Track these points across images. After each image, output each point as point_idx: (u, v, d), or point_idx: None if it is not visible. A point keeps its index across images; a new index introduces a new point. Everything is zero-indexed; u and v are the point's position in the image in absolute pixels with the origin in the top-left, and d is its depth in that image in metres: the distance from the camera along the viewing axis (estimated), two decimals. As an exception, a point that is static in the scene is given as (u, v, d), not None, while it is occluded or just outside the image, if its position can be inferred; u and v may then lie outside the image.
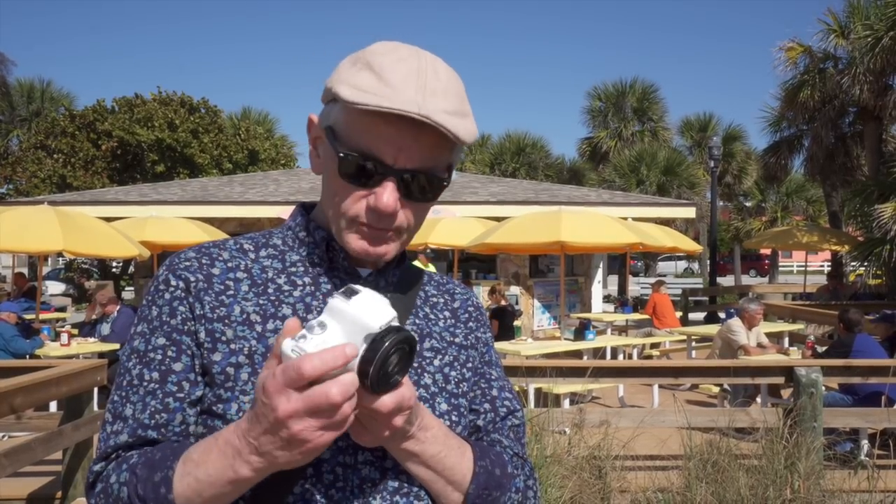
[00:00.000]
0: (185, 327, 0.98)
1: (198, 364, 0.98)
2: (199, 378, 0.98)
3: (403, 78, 0.92)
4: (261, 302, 0.99)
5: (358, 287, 0.84)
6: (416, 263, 7.24)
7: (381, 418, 0.86)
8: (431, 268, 11.85)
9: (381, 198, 0.94)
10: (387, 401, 0.84)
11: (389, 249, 1.00)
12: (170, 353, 0.97)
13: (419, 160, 0.95)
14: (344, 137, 0.96)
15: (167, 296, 0.99)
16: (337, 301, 0.82)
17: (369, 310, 0.82)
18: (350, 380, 0.79)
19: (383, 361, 0.80)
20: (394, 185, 0.95)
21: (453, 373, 1.07)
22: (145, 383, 0.97)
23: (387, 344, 0.80)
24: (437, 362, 1.07)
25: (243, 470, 0.84)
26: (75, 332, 8.91)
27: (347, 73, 0.95)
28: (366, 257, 1.00)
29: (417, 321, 1.09)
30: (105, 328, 8.37)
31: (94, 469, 0.97)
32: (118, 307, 8.51)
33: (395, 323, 0.83)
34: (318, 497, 0.94)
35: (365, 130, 0.94)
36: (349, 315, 0.81)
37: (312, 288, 1.03)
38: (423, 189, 0.97)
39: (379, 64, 0.93)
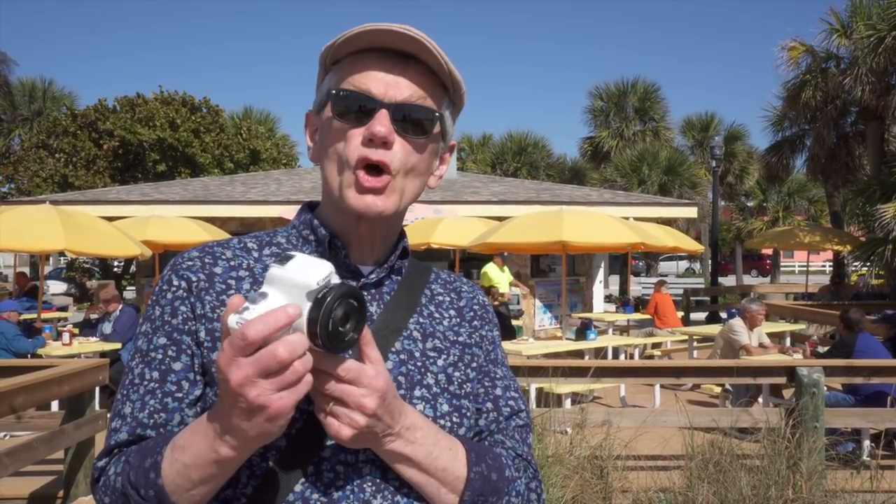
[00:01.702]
0: (186, 327, 0.98)
1: (198, 364, 0.98)
2: (199, 378, 0.98)
3: (385, 24, 0.97)
4: None
5: (292, 252, 0.86)
6: (492, 266, 7.04)
7: (350, 395, 0.85)
8: (506, 271, 11.44)
9: (375, 124, 0.96)
10: (349, 366, 0.84)
11: (388, 204, 1.00)
12: (170, 352, 0.98)
13: (409, 93, 0.99)
14: (337, 87, 1.00)
15: (169, 295, 1.00)
16: (273, 269, 0.83)
17: (305, 270, 0.82)
18: (297, 338, 0.79)
19: (328, 316, 0.80)
20: (387, 115, 0.97)
21: (457, 373, 1.06)
22: (145, 382, 0.98)
23: (328, 299, 0.80)
24: (440, 362, 1.06)
25: (223, 450, 0.85)
26: (77, 331, 8.92)
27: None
28: (366, 214, 0.99)
29: (422, 320, 1.08)
30: (107, 327, 8.37)
31: (97, 465, 0.99)
32: (120, 306, 8.50)
33: (335, 279, 0.83)
34: (318, 496, 0.93)
35: (355, 71, 0.99)
36: (287, 279, 0.82)
37: None
38: (417, 124, 1.00)
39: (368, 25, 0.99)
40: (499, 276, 11.12)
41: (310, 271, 0.82)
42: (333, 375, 0.85)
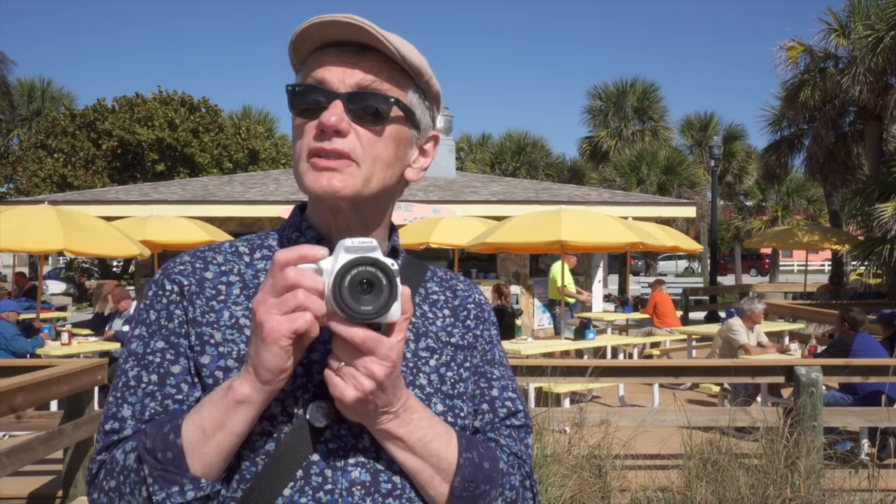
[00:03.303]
0: (182, 330, 0.99)
1: (193, 367, 0.98)
2: (197, 381, 0.98)
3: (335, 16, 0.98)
4: (251, 305, 0.97)
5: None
6: (559, 265, 6.93)
7: (363, 359, 0.86)
8: (568, 272, 10.91)
9: (325, 115, 0.96)
10: (369, 335, 0.85)
11: (345, 184, 0.97)
12: (168, 355, 0.98)
13: (364, 81, 0.98)
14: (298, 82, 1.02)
15: (164, 300, 1.00)
16: (343, 240, 0.89)
17: (358, 242, 0.87)
18: (309, 271, 0.85)
19: (341, 277, 0.84)
20: (340, 104, 0.97)
21: (449, 373, 1.06)
22: (143, 385, 0.97)
23: (345, 262, 0.84)
24: (432, 362, 1.05)
25: (235, 384, 0.88)
26: (82, 331, 8.93)
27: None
28: (322, 194, 0.98)
29: (414, 319, 1.07)
30: (117, 323, 8.36)
31: (97, 459, 0.98)
32: (133, 304, 8.49)
33: (378, 254, 0.86)
34: (306, 500, 0.93)
35: (311, 66, 1.00)
36: (341, 246, 0.88)
37: None
38: (374, 112, 0.98)
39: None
40: (565, 275, 10.83)
41: (357, 243, 0.87)
42: (352, 343, 0.86)
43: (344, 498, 0.94)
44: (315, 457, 0.94)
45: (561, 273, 10.11)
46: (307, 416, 0.94)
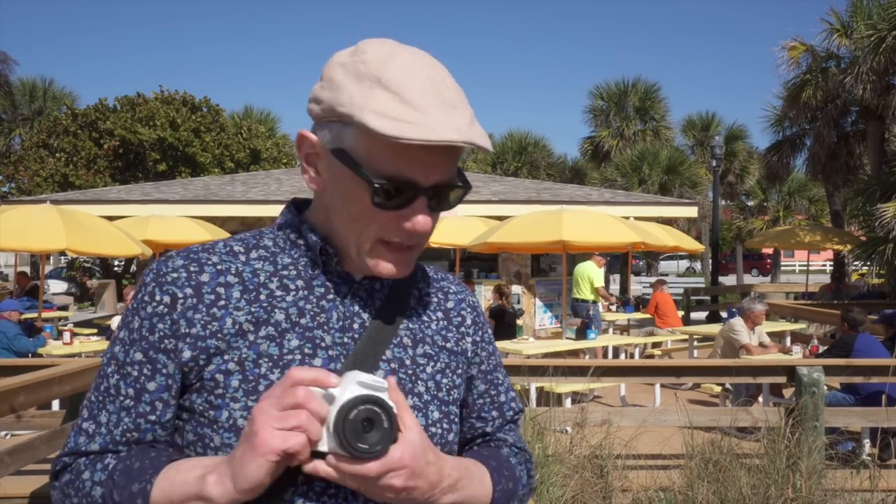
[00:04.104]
0: (163, 345, 0.96)
1: (174, 385, 0.97)
2: (173, 399, 0.97)
3: (423, 94, 0.92)
4: (253, 310, 0.98)
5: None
6: (590, 263, 6.93)
7: (373, 484, 0.87)
8: (600, 273, 10.92)
9: (418, 219, 0.95)
10: (373, 468, 0.85)
11: (409, 267, 1.01)
12: (145, 370, 0.96)
13: (446, 173, 0.96)
14: (367, 163, 0.93)
15: (149, 309, 0.97)
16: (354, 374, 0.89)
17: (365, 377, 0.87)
18: (318, 396, 0.85)
19: (346, 412, 0.84)
20: (426, 201, 0.96)
21: (445, 380, 1.07)
22: (121, 398, 0.97)
23: (354, 397, 0.84)
24: (429, 369, 1.06)
25: (211, 481, 0.86)
26: (84, 330, 8.94)
27: (358, 94, 0.92)
28: (390, 278, 1.00)
29: (411, 325, 1.07)
30: None
31: (62, 459, 0.98)
32: None
33: (380, 395, 0.86)
34: None
35: (395, 156, 0.92)
36: (347, 380, 0.88)
37: (306, 292, 1.01)
38: (450, 199, 0.99)
39: (390, 80, 0.92)
40: (599, 275, 10.89)
41: (370, 381, 0.87)
42: (365, 479, 0.86)
43: (349, 502, 0.95)
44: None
45: (595, 274, 10.33)
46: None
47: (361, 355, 0.98)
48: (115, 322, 8.20)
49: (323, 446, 0.86)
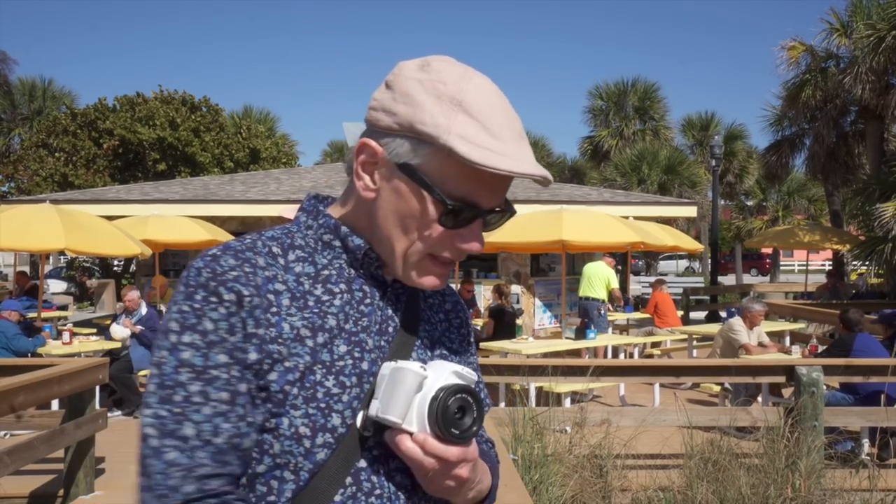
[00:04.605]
0: (244, 345, 0.92)
1: (254, 386, 0.93)
2: (259, 401, 0.94)
3: (500, 125, 0.96)
4: (306, 315, 0.97)
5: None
6: (602, 264, 7.01)
7: (446, 469, 0.94)
8: (615, 275, 10.92)
9: (475, 240, 1.00)
10: (457, 453, 0.93)
11: (446, 280, 1.06)
12: (234, 372, 0.91)
13: (502, 199, 1.02)
14: (439, 182, 0.96)
15: (221, 310, 0.92)
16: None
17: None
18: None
19: (444, 399, 0.92)
20: (481, 223, 1.00)
21: None
22: (213, 403, 0.90)
23: (452, 385, 0.93)
24: None
25: None
26: (83, 330, 8.93)
27: (441, 115, 0.94)
28: (429, 289, 1.03)
29: (427, 328, 1.09)
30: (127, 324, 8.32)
31: (185, 494, 0.89)
32: (143, 304, 8.43)
33: (472, 386, 0.96)
34: None
35: (467, 180, 0.96)
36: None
37: (348, 296, 1.01)
38: (498, 222, 1.04)
39: (471, 106, 0.95)
40: (614, 277, 10.92)
41: (465, 373, 0.97)
42: (444, 462, 0.93)
43: (392, 501, 0.97)
44: (362, 463, 0.96)
45: (612, 276, 10.42)
46: (358, 426, 0.96)
47: (395, 358, 1.00)
48: (117, 330, 8.13)
49: (411, 426, 0.92)
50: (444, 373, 0.94)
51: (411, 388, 0.93)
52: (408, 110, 0.95)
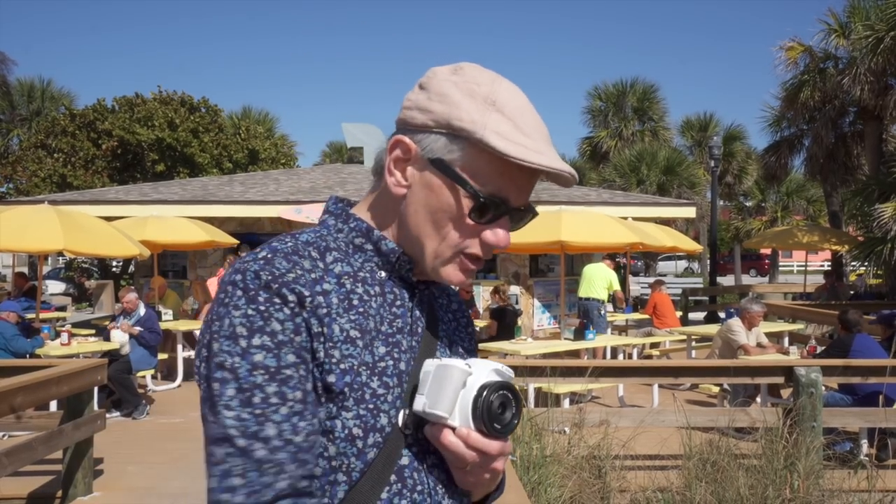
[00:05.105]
0: (308, 345, 0.95)
1: (320, 385, 0.96)
2: (322, 400, 0.96)
3: (530, 125, 1.00)
4: (352, 317, 0.99)
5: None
6: (604, 266, 7.05)
7: (485, 462, 0.99)
8: (615, 276, 10.81)
9: (501, 234, 1.02)
10: (498, 446, 0.98)
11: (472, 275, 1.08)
12: (301, 371, 0.94)
13: (527, 198, 1.05)
14: (471, 177, 0.99)
15: (286, 311, 0.93)
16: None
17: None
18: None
19: (489, 395, 0.96)
20: (508, 220, 1.03)
21: None
22: (290, 403, 0.92)
23: (495, 382, 0.97)
24: None
25: None
26: (82, 331, 8.92)
27: (477, 112, 0.98)
28: (457, 284, 1.06)
29: (443, 326, 1.12)
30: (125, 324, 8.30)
31: (276, 487, 0.91)
32: (141, 305, 8.41)
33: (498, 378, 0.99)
34: (403, 502, 0.98)
35: (498, 175, 0.99)
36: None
37: (381, 299, 1.03)
38: (522, 221, 1.06)
39: (504, 105, 1.00)
40: (616, 279, 10.85)
41: (505, 370, 1.01)
42: (485, 455, 0.97)
43: (433, 497, 1.01)
44: (404, 460, 0.99)
45: (615, 278, 10.43)
46: (400, 424, 0.99)
47: (424, 358, 1.03)
48: (117, 335, 8.10)
49: (454, 421, 0.96)
50: (485, 370, 0.98)
51: (458, 385, 0.96)
52: (444, 108, 1.00)
